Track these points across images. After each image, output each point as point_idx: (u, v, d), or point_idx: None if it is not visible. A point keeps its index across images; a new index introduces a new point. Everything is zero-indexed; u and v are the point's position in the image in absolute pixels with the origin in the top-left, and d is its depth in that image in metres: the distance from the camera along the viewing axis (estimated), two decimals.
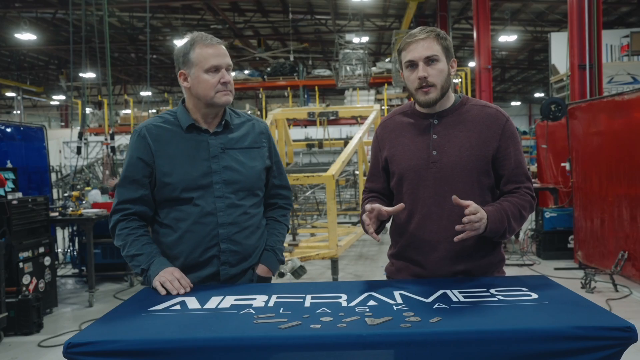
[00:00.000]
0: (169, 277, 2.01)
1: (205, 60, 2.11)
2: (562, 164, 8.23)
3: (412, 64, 2.09)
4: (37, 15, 18.80)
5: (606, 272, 6.43)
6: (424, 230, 2.11)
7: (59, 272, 7.38)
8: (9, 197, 5.43)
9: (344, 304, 1.77)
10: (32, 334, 5.04)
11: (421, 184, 2.11)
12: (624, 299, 5.74)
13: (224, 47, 2.16)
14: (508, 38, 19.00)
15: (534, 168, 11.13)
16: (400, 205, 2.04)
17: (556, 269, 7.22)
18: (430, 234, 2.10)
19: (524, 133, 17.69)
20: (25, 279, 5.34)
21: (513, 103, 36.82)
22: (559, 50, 12.63)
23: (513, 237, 9.01)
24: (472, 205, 1.92)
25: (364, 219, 2.04)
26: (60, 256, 8.14)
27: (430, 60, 2.06)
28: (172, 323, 1.63)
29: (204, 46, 2.12)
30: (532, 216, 8.08)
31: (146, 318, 1.69)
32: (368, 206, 2.03)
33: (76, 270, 7.57)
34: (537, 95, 33.36)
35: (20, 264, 5.29)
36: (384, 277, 2.34)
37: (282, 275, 5.44)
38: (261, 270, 2.26)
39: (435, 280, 2.06)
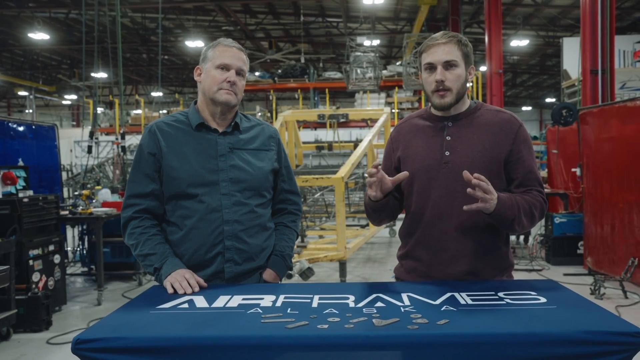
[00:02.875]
0: (178, 278, 2.03)
1: (218, 57, 2.18)
2: (573, 170, 8.18)
3: (431, 67, 2.11)
4: (51, 15, 18.95)
5: (616, 278, 6.38)
6: (433, 230, 2.12)
7: (68, 270, 7.41)
8: (20, 195, 5.47)
9: (352, 305, 1.77)
10: (41, 331, 5.08)
11: (433, 183, 2.12)
12: (634, 305, 5.69)
13: (242, 53, 2.23)
14: (520, 42, 18.92)
15: (544, 173, 11.06)
16: (404, 174, 2.05)
17: (565, 274, 7.17)
18: (440, 233, 2.11)
19: (535, 138, 17.62)
20: (35, 277, 5.38)
21: (524, 108, 36.67)
22: (571, 56, 12.55)
23: (522, 241, 8.98)
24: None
25: (367, 181, 2.06)
26: (70, 254, 8.19)
27: (448, 65, 2.08)
28: (180, 321, 1.63)
29: (223, 47, 2.20)
30: (541, 221, 8.03)
31: (154, 316, 1.70)
32: (371, 169, 2.02)
33: (85, 269, 7.61)
34: (548, 100, 33.20)
35: (30, 262, 5.33)
36: (392, 280, 2.34)
37: (290, 276, 5.45)
38: (268, 275, 2.27)
39: (443, 282, 2.06)
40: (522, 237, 9.20)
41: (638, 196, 6.29)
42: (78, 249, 7.78)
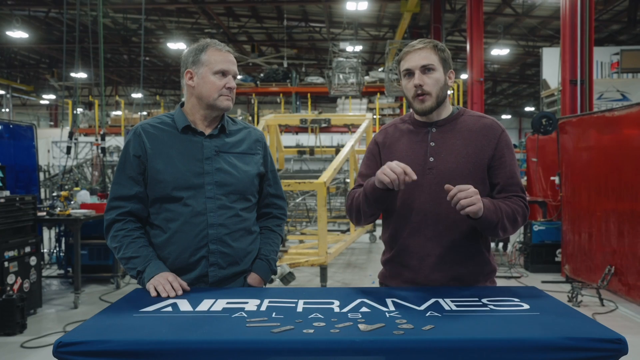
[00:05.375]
0: (161, 281, 2.01)
1: (215, 62, 2.16)
2: (552, 178, 8.30)
3: (409, 73, 2.13)
4: (30, 14, 18.70)
5: (593, 286, 6.47)
6: (418, 236, 2.12)
7: (44, 273, 7.30)
8: None
9: (337, 309, 1.77)
10: (15, 335, 4.97)
11: (417, 189, 2.12)
12: (610, 313, 5.77)
13: (233, 56, 2.23)
14: (500, 51, 19.18)
15: (523, 181, 11.21)
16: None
17: (543, 282, 7.25)
18: (424, 239, 2.11)
19: (515, 146, 17.84)
20: (10, 279, 5.28)
21: (504, 116, 37.11)
22: (550, 65, 12.76)
23: (501, 248, 9.06)
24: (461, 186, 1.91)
25: (390, 173, 1.91)
26: (46, 257, 8.05)
27: (426, 69, 2.10)
28: (164, 324, 1.62)
29: (216, 50, 2.19)
30: (520, 228, 8.11)
31: (137, 319, 1.68)
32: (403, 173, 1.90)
33: (62, 271, 7.50)
34: (527, 109, 33.66)
35: (6, 263, 5.23)
36: (373, 285, 2.35)
37: (271, 281, 5.42)
38: (253, 279, 2.26)
39: (427, 288, 2.07)
40: (501, 244, 9.28)
41: (615, 205, 6.39)
42: (55, 250, 7.67)
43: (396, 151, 2.20)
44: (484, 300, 1.86)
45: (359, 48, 19.06)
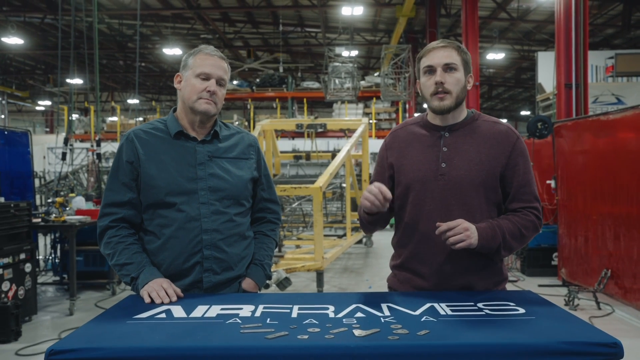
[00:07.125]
0: (155, 287, 1.99)
1: (199, 65, 2.16)
2: (548, 182, 8.30)
3: (431, 70, 2.09)
4: (25, 20, 18.68)
5: (589, 289, 6.47)
6: (428, 242, 2.08)
7: (40, 280, 7.26)
8: None
9: (331, 315, 1.76)
10: (10, 342, 4.94)
11: (428, 195, 2.09)
12: (607, 316, 5.77)
13: (223, 62, 2.21)
14: (496, 56, 19.25)
15: None
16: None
17: (540, 285, 7.26)
18: (435, 246, 2.07)
19: None
20: (5, 286, 5.25)
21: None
22: (546, 69, 12.81)
23: None
24: (450, 223, 1.96)
25: (369, 196, 1.97)
26: (41, 263, 8.02)
27: (448, 68, 2.07)
28: (158, 331, 1.60)
29: (204, 55, 2.18)
30: None
31: (131, 326, 1.67)
32: (376, 190, 1.96)
33: (57, 278, 7.46)
34: (523, 113, 33.74)
35: (0, 270, 5.21)
36: (370, 290, 2.34)
37: (267, 286, 5.41)
38: (247, 284, 2.25)
39: (422, 293, 2.06)
40: None
41: (610, 208, 6.40)
42: (50, 257, 7.63)
43: (407, 155, 2.17)
44: (480, 305, 1.86)
45: (354, 53, 19.10)
